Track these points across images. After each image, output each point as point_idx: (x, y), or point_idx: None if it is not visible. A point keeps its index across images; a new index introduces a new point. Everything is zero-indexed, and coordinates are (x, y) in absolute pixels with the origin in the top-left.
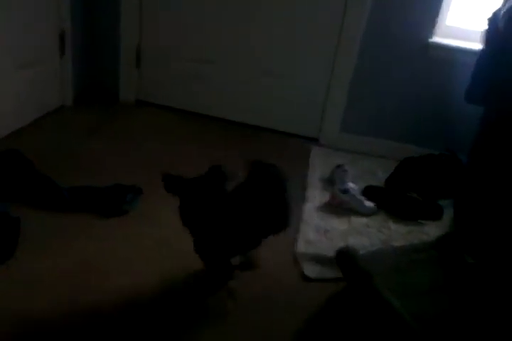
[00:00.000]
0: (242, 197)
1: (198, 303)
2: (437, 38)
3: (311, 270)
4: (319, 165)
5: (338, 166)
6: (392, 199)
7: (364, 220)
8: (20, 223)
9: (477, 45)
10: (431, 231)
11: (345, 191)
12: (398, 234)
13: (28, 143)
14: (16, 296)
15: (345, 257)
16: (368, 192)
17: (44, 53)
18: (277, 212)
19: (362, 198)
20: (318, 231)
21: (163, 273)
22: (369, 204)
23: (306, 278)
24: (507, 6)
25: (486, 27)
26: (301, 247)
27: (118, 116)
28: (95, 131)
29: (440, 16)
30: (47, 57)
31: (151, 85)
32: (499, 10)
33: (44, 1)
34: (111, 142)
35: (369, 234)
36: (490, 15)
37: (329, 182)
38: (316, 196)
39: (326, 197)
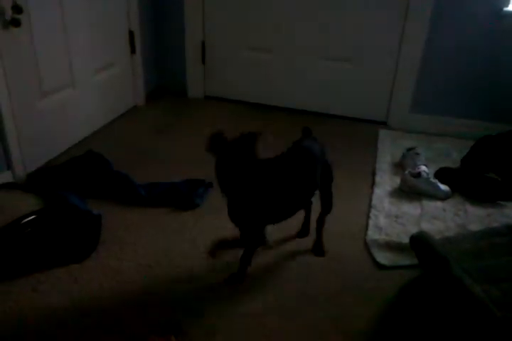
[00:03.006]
0: (278, 165)
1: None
2: None
3: (383, 257)
4: (389, 149)
5: (409, 149)
6: (468, 180)
7: (438, 204)
8: (102, 219)
9: None
10: (511, 213)
11: (417, 175)
12: (476, 218)
13: (105, 144)
14: (99, 288)
15: (420, 243)
16: (442, 174)
17: (116, 55)
18: (310, 182)
19: (435, 181)
20: (389, 217)
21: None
22: (443, 187)
23: (379, 266)
24: None
25: None
26: (372, 234)
27: (188, 112)
28: (167, 129)
29: None
30: (119, 58)
31: (218, 80)
32: None
33: (113, 3)
34: (182, 138)
35: (444, 218)
36: None
37: (399, 166)
38: (386, 181)
39: (396, 181)
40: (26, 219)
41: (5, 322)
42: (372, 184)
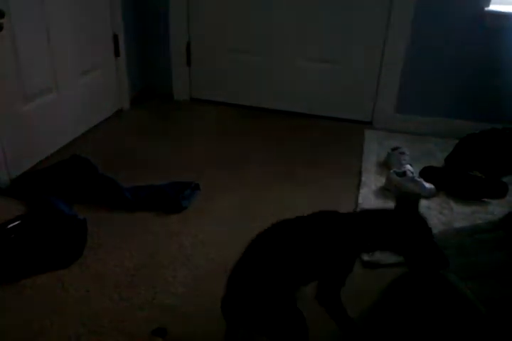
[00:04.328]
0: None
1: None
2: (494, 6)
3: (369, 256)
4: (374, 149)
5: (394, 149)
6: (452, 178)
7: (423, 202)
8: (87, 224)
9: None
10: (496, 210)
11: (403, 174)
12: (461, 215)
13: (90, 148)
14: (85, 293)
15: None
16: (426, 173)
17: (100, 58)
18: None
19: (420, 180)
20: None
21: (224, 266)
22: (428, 185)
23: (365, 264)
24: None
25: None
26: None
27: (174, 115)
28: (153, 132)
29: None
30: (103, 61)
31: (203, 82)
32: None
33: (96, 6)
34: (169, 141)
35: (429, 216)
36: None
37: (385, 165)
38: (371, 180)
39: (382, 181)
40: (11, 225)
41: None
42: (359, 183)
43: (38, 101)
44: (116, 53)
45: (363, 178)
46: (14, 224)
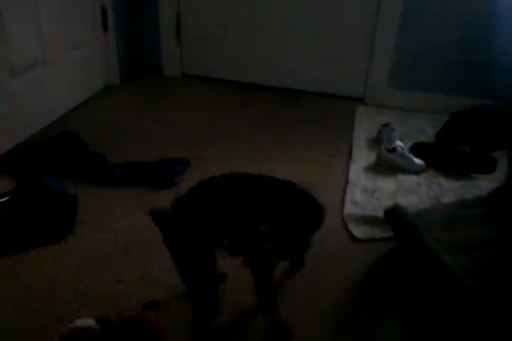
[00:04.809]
0: None
1: None
2: None
3: (359, 231)
4: (365, 125)
5: (385, 125)
6: (442, 154)
7: (413, 178)
8: (78, 199)
9: None
10: (484, 185)
11: (393, 150)
12: (449, 190)
13: (80, 123)
14: (77, 268)
15: (394, 215)
16: (416, 149)
17: (88, 32)
18: None
19: (410, 156)
20: (366, 191)
21: None
22: (418, 161)
23: (355, 239)
24: None
25: None
26: (349, 208)
27: (164, 91)
28: (143, 107)
29: None
30: (91, 36)
31: (194, 58)
32: None
33: None
34: (159, 117)
35: (419, 192)
36: None
37: (376, 141)
38: (362, 157)
39: (372, 157)
40: (0, 201)
41: None
42: (349, 159)
43: (26, 77)
44: (105, 28)
45: (354, 154)
46: (3, 199)
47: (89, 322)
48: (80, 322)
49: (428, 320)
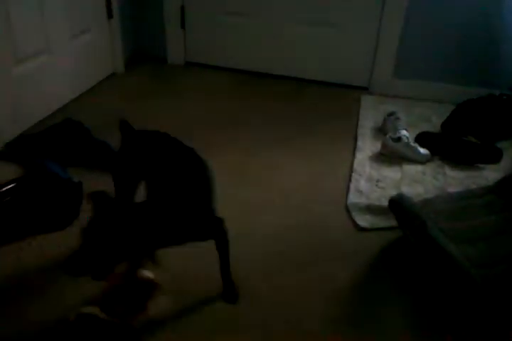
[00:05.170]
0: None
1: None
2: None
3: (364, 220)
4: (370, 114)
5: (390, 114)
6: (447, 144)
7: (418, 168)
8: (82, 187)
9: None
10: (489, 175)
11: (398, 139)
12: (455, 180)
13: (84, 111)
14: None
15: (398, 204)
16: (422, 138)
17: (93, 19)
18: None
19: (415, 145)
20: (370, 181)
21: None
22: (423, 151)
23: (359, 229)
24: None
25: None
26: (353, 198)
27: (168, 79)
28: (147, 95)
29: None
30: (95, 23)
31: (197, 46)
32: None
33: None
34: (162, 105)
35: (424, 181)
36: None
37: (381, 131)
38: (367, 146)
39: (377, 146)
40: (6, 188)
41: None
42: (354, 149)
43: (30, 64)
44: (109, 15)
45: (359, 143)
46: (9, 186)
47: (95, 309)
48: (86, 309)
49: (431, 309)
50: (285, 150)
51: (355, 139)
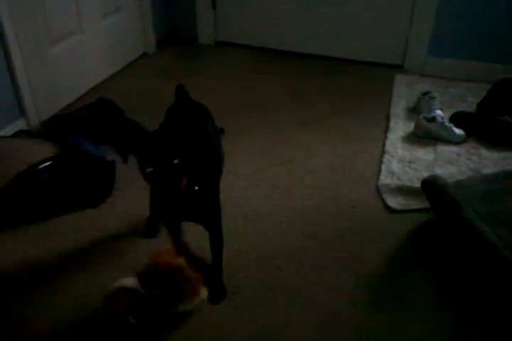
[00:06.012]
0: None
1: None
2: None
3: (394, 201)
4: (403, 93)
5: (425, 93)
6: (483, 124)
7: (452, 148)
8: (115, 165)
9: None
10: None
11: (432, 119)
12: (490, 161)
13: (116, 90)
14: (116, 232)
15: (431, 186)
16: (457, 118)
17: (125, 0)
18: None
19: (450, 126)
20: (402, 162)
21: (245, 207)
22: (458, 131)
23: (390, 210)
24: None
25: None
26: (384, 179)
27: (198, 58)
28: (178, 75)
29: None
30: (127, 3)
31: (228, 25)
32: None
33: None
34: (193, 85)
35: (458, 162)
36: None
37: (414, 111)
38: (399, 126)
39: (410, 127)
40: (42, 165)
41: (25, 265)
42: (386, 129)
43: (64, 44)
44: None
45: (391, 124)
46: (46, 164)
47: (133, 281)
48: (125, 282)
49: (464, 291)
50: (315, 130)
51: (388, 119)
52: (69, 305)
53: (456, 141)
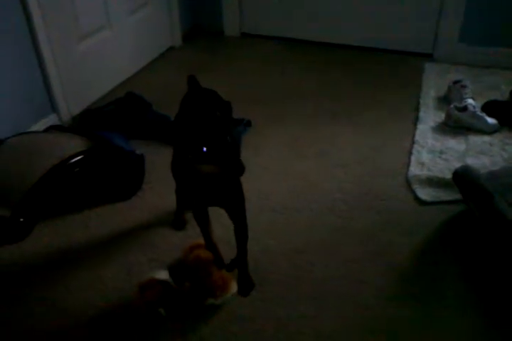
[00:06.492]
0: None
1: None
2: None
3: (425, 193)
4: (434, 82)
5: (456, 82)
6: None
7: (485, 138)
8: (145, 159)
9: None
10: None
11: (463, 108)
12: None
13: (145, 85)
14: (147, 225)
15: (463, 177)
16: (489, 107)
17: None
18: None
19: (482, 115)
20: (433, 152)
21: (271, 200)
22: (490, 120)
23: (420, 202)
24: None
25: None
26: (414, 170)
27: (225, 51)
28: (205, 68)
29: None
30: None
31: (254, 16)
32: None
33: None
34: (220, 78)
35: (491, 152)
36: None
37: (445, 100)
38: (429, 116)
39: (441, 116)
40: (74, 159)
41: (59, 256)
42: (416, 119)
43: (92, 40)
44: None
45: (421, 114)
46: (77, 158)
47: (165, 274)
48: (157, 274)
49: (495, 285)
50: (344, 121)
51: (417, 109)
52: (100, 296)
53: (489, 131)
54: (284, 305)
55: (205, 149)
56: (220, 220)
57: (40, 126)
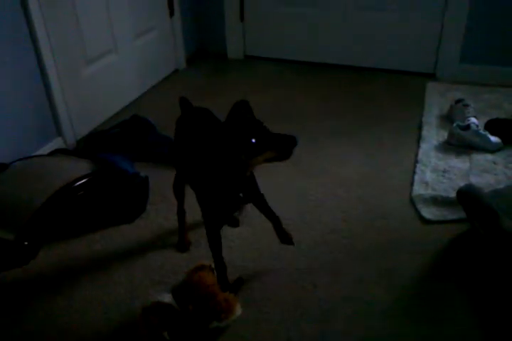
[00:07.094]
0: None
1: None
2: None
3: (429, 212)
4: (436, 101)
5: (458, 101)
6: None
7: (488, 157)
8: (149, 181)
9: None
10: None
11: (466, 127)
12: None
13: (150, 107)
14: (151, 246)
15: (468, 196)
16: (492, 126)
17: (155, 18)
18: None
19: (485, 133)
20: (436, 171)
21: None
22: (494, 139)
23: (424, 221)
24: None
25: None
26: (418, 189)
27: (229, 73)
28: (209, 91)
29: None
30: (158, 21)
31: (257, 39)
32: None
33: None
34: (224, 100)
35: (494, 171)
36: None
37: (447, 119)
38: (432, 135)
39: (443, 135)
40: (78, 183)
41: (63, 277)
42: (419, 138)
43: (98, 64)
44: (171, 13)
45: (424, 133)
46: (82, 181)
47: (169, 297)
48: (161, 297)
49: (502, 305)
50: (347, 140)
51: (420, 128)
52: (102, 318)
53: (492, 149)
54: (288, 326)
55: (253, 140)
56: (223, 241)
57: (46, 150)
